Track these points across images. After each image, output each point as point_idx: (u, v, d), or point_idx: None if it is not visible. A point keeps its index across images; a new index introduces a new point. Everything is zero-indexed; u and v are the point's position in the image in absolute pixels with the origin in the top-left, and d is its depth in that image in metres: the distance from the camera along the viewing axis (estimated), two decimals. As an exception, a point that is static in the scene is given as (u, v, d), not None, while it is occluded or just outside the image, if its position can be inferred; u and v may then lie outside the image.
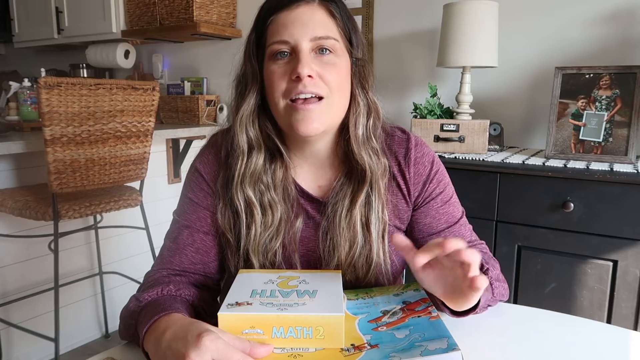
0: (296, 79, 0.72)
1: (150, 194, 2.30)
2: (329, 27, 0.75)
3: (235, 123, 0.78)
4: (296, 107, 0.73)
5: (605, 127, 1.56)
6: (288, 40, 0.72)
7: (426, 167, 0.83)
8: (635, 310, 1.39)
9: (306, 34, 0.72)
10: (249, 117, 0.78)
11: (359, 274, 0.80)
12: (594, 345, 0.69)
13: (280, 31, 0.73)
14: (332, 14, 0.76)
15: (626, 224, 1.37)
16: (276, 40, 0.73)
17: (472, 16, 1.73)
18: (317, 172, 0.83)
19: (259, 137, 0.78)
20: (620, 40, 1.75)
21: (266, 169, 0.79)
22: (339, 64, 0.75)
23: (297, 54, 0.72)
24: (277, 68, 0.74)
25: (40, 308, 2.07)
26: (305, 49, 0.72)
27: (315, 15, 0.74)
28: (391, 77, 2.20)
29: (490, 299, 0.75)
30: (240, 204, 0.78)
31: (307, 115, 0.72)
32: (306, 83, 0.71)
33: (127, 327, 0.69)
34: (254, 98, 0.77)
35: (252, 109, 0.78)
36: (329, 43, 0.74)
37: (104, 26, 2.74)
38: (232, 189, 0.78)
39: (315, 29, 0.73)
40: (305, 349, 0.59)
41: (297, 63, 0.71)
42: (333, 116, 0.76)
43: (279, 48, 0.73)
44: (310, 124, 0.73)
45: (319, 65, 0.73)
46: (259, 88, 0.78)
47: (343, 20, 0.77)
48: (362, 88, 0.80)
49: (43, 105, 1.56)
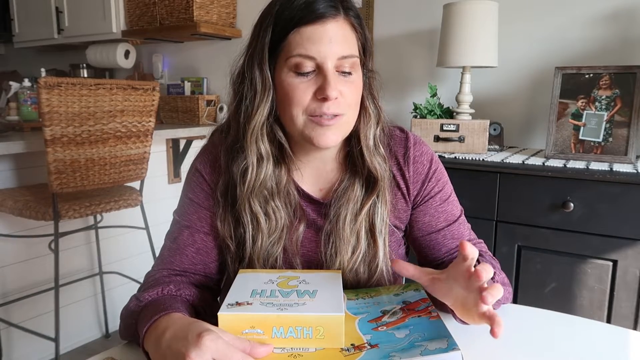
0: (322, 99, 0.71)
1: (150, 194, 2.29)
2: (352, 44, 0.74)
3: (247, 135, 0.76)
4: (318, 122, 0.72)
5: (605, 127, 1.56)
6: (315, 57, 0.70)
7: (425, 165, 0.83)
8: (635, 310, 1.39)
9: (333, 53, 0.71)
10: (260, 130, 0.76)
11: (361, 278, 0.80)
12: (594, 345, 0.69)
13: (306, 45, 0.71)
14: (355, 29, 0.75)
15: (626, 224, 1.37)
16: (301, 54, 0.71)
17: (472, 16, 1.73)
18: (319, 175, 0.83)
19: (268, 147, 0.77)
20: (620, 40, 1.75)
21: (271, 176, 0.78)
22: (357, 81, 0.75)
23: (324, 73, 0.71)
24: (300, 83, 0.72)
25: (40, 308, 2.07)
26: (331, 68, 0.71)
27: (341, 31, 0.72)
28: (391, 77, 2.20)
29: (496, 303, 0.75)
30: (247, 216, 0.77)
31: (327, 129, 0.72)
32: (330, 105, 0.71)
33: (128, 327, 0.69)
34: (267, 108, 0.75)
35: (265, 120, 0.75)
36: (351, 62, 0.73)
37: (104, 26, 2.75)
38: (237, 200, 0.77)
39: (341, 48, 0.71)
40: (305, 349, 0.59)
41: (326, 84, 0.70)
42: (347, 129, 0.76)
43: (303, 62, 0.71)
44: (329, 137, 0.73)
45: (342, 84, 0.72)
46: (272, 97, 0.75)
47: (364, 33, 0.76)
48: (372, 98, 0.80)
49: (43, 105, 1.56)
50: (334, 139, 0.73)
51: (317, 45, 0.70)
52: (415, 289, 0.73)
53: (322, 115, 0.71)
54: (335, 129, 0.73)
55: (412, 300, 0.69)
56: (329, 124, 0.72)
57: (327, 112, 0.71)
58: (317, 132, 0.72)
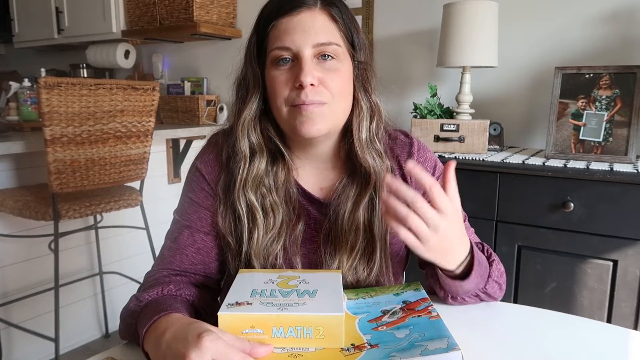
0: (299, 87, 0.72)
1: (150, 194, 2.30)
2: (331, 32, 0.74)
3: (237, 128, 0.78)
4: (299, 110, 0.73)
5: (605, 127, 1.56)
6: (290, 47, 0.72)
7: (428, 172, 0.83)
8: (635, 310, 1.39)
9: (308, 41, 0.72)
10: (250, 123, 0.78)
11: (360, 276, 0.80)
12: (594, 345, 0.69)
13: (282, 37, 0.73)
14: (334, 18, 0.75)
15: (626, 224, 1.37)
16: (278, 46, 0.73)
17: (472, 16, 1.73)
18: (319, 174, 0.83)
19: (260, 141, 0.78)
20: (620, 40, 1.75)
21: (268, 171, 0.79)
22: (341, 69, 0.75)
23: (299, 61, 0.72)
24: (280, 74, 0.74)
25: (40, 308, 2.07)
26: (307, 56, 0.72)
27: (317, 20, 0.74)
28: (391, 77, 2.20)
29: (481, 288, 0.75)
30: (242, 208, 0.78)
31: (309, 117, 0.73)
32: (308, 92, 0.72)
33: (127, 327, 0.69)
34: (255, 103, 0.77)
35: (254, 114, 0.78)
36: (330, 49, 0.73)
37: (104, 26, 2.74)
38: (233, 194, 0.78)
39: (317, 35, 0.73)
40: (305, 349, 0.59)
41: (300, 71, 0.71)
42: (335, 119, 0.76)
43: (280, 54, 0.73)
44: (312, 125, 0.73)
45: (321, 72, 0.73)
46: (261, 92, 0.77)
47: (345, 23, 0.76)
48: (364, 91, 0.80)
49: (43, 105, 1.56)
50: (318, 127, 0.73)
51: (291, 35, 0.72)
52: (415, 288, 0.73)
53: (301, 104, 0.72)
54: (318, 118, 0.73)
55: (412, 300, 0.69)
56: (310, 110, 0.72)
57: (306, 99, 0.72)
58: (299, 121, 0.73)
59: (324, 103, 0.73)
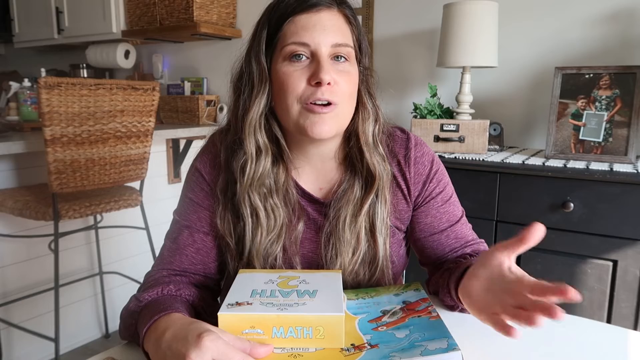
0: (316, 84, 0.71)
1: (150, 194, 2.30)
2: (347, 34, 0.75)
3: (244, 126, 0.76)
4: (312, 109, 0.72)
5: (605, 127, 1.56)
6: (308, 43, 0.72)
7: (426, 166, 0.83)
8: (635, 310, 1.39)
9: (327, 39, 0.72)
10: (258, 121, 0.76)
11: (361, 279, 0.80)
12: (594, 345, 0.69)
13: (300, 33, 0.72)
14: (350, 21, 0.76)
15: (626, 224, 1.37)
16: (295, 42, 0.72)
17: (472, 16, 1.73)
18: (318, 174, 0.83)
19: (266, 140, 0.77)
20: (620, 40, 1.75)
21: (269, 171, 0.79)
22: (352, 72, 0.75)
23: (318, 59, 0.72)
24: (294, 71, 0.72)
25: (40, 308, 2.07)
26: (325, 54, 0.72)
27: (336, 20, 0.74)
28: (391, 77, 2.20)
29: None
30: (247, 209, 0.77)
31: (320, 118, 0.72)
32: (324, 90, 0.71)
33: (127, 327, 0.69)
34: (264, 100, 0.76)
35: (262, 112, 0.76)
36: (345, 50, 0.74)
37: (104, 26, 2.74)
38: (237, 194, 0.77)
39: (336, 35, 0.73)
40: (305, 349, 0.59)
41: (319, 69, 0.71)
42: (343, 121, 0.76)
43: (296, 50, 0.72)
44: (322, 126, 0.72)
45: (336, 73, 0.73)
46: (268, 89, 0.76)
47: (358, 28, 0.77)
48: (369, 96, 0.80)
49: (43, 105, 1.56)
50: (327, 129, 0.73)
51: (310, 32, 0.72)
52: (416, 288, 0.73)
53: (316, 101, 0.71)
54: (329, 119, 0.73)
55: (412, 300, 0.69)
56: (323, 111, 0.72)
57: (322, 97, 0.71)
58: (311, 121, 0.72)
59: (336, 104, 0.73)
